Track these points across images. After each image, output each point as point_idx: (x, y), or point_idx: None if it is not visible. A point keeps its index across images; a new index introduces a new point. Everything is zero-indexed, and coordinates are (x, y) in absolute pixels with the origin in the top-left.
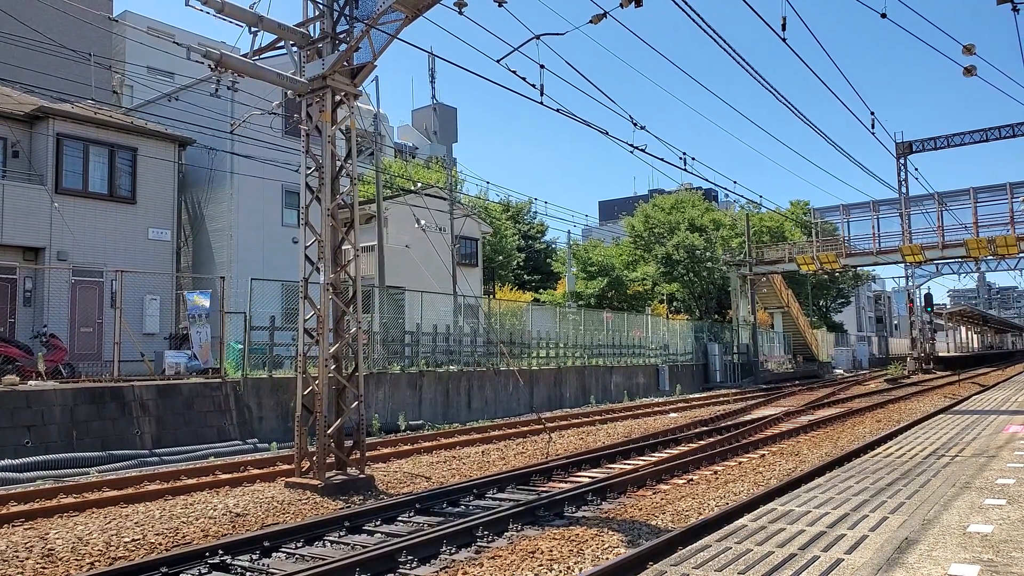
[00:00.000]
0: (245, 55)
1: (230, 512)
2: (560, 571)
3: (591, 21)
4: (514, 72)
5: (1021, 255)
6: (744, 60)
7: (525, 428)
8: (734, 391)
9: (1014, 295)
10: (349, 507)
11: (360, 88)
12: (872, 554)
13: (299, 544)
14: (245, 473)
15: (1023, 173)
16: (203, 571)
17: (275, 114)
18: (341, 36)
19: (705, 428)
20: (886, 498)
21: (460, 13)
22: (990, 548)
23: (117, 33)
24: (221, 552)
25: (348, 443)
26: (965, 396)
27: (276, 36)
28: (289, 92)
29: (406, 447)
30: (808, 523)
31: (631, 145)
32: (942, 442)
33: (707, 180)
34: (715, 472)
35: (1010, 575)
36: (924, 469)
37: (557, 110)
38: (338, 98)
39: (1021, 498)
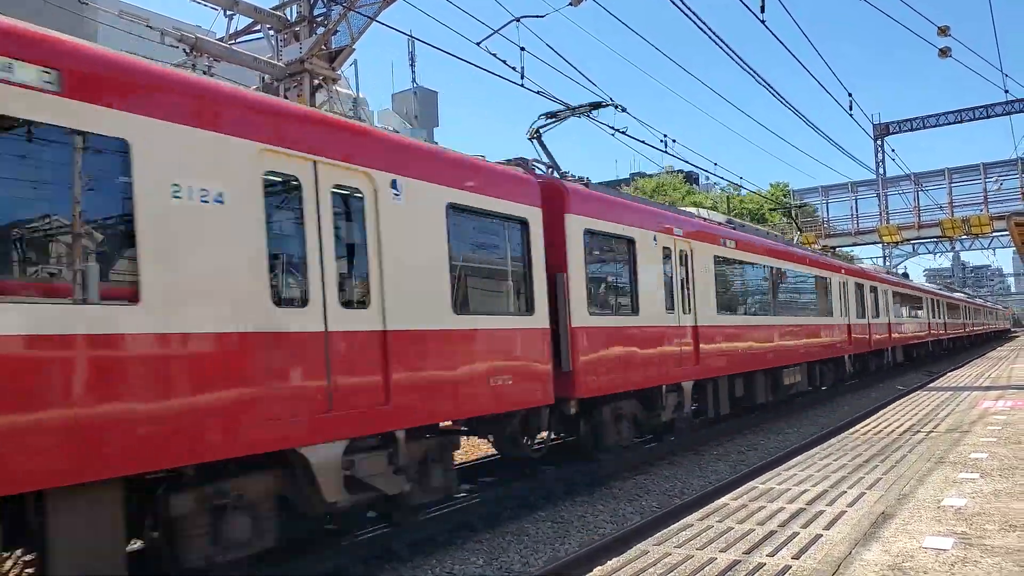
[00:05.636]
0: (221, 39)
1: None
2: None
3: (571, 3)
4: (494, 55)
5: (994, 234)
6: (724, 42)
7: None
8: None
9: (987, 274)
10: None
11: (339, 72)
12: (850, 529)
13: None
14: None
15: (997, 153)
16: None
17: None
18: (319, 19)
19: None
20: (864, 474)
21: None
22: (963, 521)
23: (88, 17)
24: None
25: None
26: (941, 372)
27: (252, 20)
28: (266, 76)
29: None
30: (788, 500)
31: (612, 127)
32: (918, 418)
33: (688, 162)
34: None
35: (982, 547)
36: (901, 445)
37: (538, 92)
38: (316, 82)
39: (993, 472)
